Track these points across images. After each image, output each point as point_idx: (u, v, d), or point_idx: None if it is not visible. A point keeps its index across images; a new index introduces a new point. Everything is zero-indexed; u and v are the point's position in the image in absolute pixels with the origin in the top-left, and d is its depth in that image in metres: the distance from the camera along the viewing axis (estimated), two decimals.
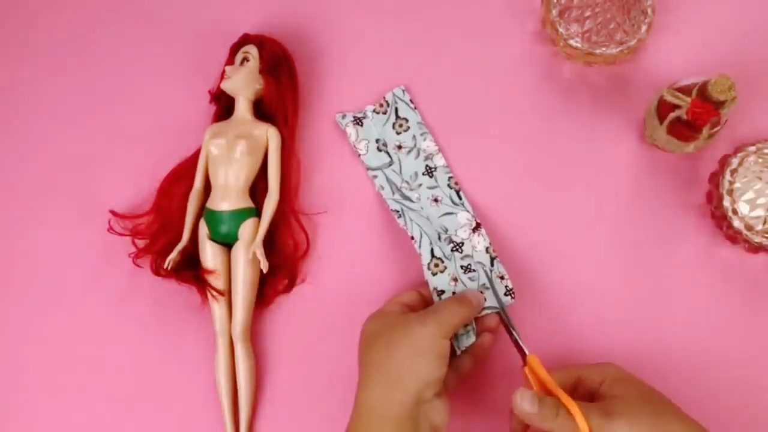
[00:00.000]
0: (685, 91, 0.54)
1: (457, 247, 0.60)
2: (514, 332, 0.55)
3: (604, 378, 0.51)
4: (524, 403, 0.48)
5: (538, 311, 0.60)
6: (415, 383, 0.49)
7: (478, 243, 0.60)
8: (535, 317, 0.60)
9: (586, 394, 0.51)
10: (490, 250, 0.60)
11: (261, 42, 0.64)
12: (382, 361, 0.51)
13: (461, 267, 0.59)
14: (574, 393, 0.51)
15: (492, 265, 0.59)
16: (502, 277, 0.59)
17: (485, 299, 0.58)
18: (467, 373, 0.57)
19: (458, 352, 0.56)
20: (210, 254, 0.61)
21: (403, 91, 0.64)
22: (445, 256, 0.59)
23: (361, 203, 0.64)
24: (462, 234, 0.60)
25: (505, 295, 0.58)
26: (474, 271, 0.59)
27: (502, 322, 0.57)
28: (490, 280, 0.58)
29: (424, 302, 0.58)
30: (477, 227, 0.61)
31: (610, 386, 0.50)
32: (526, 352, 0.54)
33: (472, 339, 0.56)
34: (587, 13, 0.59)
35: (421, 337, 0.50)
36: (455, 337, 0.56)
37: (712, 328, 0.58)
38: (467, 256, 0.60)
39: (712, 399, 0.57)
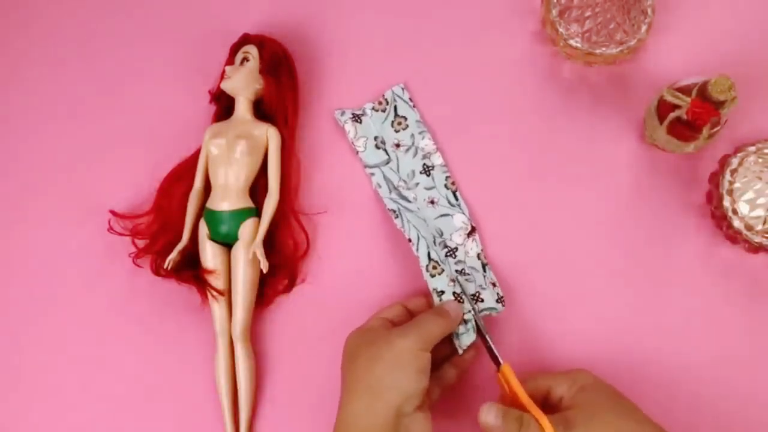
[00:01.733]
0: (685, 91, 0.54)
1: (451, 252, 0.60)
2: (488, 340, 0.55)
3: (573, 385, 0.51)
4: (489, 416, 0.48)
5: (537, 311, 0.60)
6: (396, 396, 0.49)
7: (471, 249, 0.60)
8: (534, 317, 0.60)
9: (557, 403, 0.52)
10: (482, 256, 0.60)
11: (261, 42, 0.64)
12: (364, 375, 0.51)
13: (456, 271, 0.59)
14: (545, 401, 0.52)
15: (484, 270, 0.59)
16: (494, 284, 0.59)
17: (483, 300, 0.58)
18: (450, 385, 0.57)
19: (460, 352, 0.56)
20: (210, 254, 0.61)
21: (403, 89, 0.64)
22: (440, 260, 0.59)
23: (361, 203, 0.64)
24: (456, 239, 0.60)
25: (497, 302, 0.58)
26: (469, 273, 0.59)
27: (477, 330, 0.56)
28: (485, 283, 0.59)
29: (409, 316, 0.57)
30: (472, 231, 0.61)
31: (579, 394, 0.50)
32: (500, 361, 0.54)
33: (473, 337, 0.56)
34: (587, 13, 0.59)
35: (402, 350, 0.50)
36: (457, 336, 0.56)
37: (711, 328, 0.58)
38: (460, 261, 0.60)
39: (711, 398, 0.57)
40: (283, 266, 0.62)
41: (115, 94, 0.69)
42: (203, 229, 0.62)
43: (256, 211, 0.62)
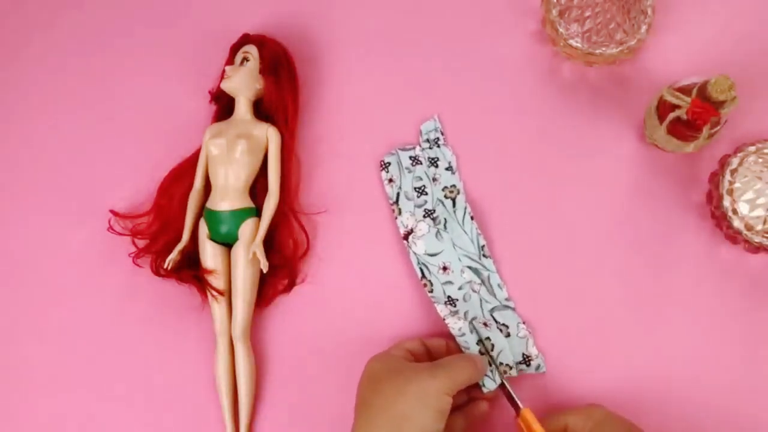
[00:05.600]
0: (685, 91, 0.54)
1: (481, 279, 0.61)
2: (507, 386, 0.55)
3: (588, 421, 0.52)
4: None
5: (536, 311, 0.60)
6: None
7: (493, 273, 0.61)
8: (534, 317, 0.60)
9: None
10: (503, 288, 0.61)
11: (261, 42, 0.64)
12: (386, 406, 0.50)
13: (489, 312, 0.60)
14: None
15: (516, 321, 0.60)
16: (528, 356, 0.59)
17: (529, 365, 0.58)
18: None
19: (484, 391, 0.56)
20: (210, 254, 0.61)
21: (436, 123, 0.64)
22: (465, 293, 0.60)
23: (361, 203, 0.64)
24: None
25: (537, 369, 0.59)
26: (503, 324, 0.59)
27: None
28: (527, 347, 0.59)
29: (427, 353, 0.57)
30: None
31: (595, 428, 0.51)
32: (520, 405, 0.54)
33: (497, 383, 0.56)
34: (587, 13, 0.59)
35: (429, 389, 0.50)
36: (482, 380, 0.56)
37: (711, 328, 0.58)
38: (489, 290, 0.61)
39: (711, 398, 0.57)
40: (283, 266, 0.62)
41: (115, 93, 0.69)
42: (203, 229, 0.62)
43: (256, 211, 0.62)
